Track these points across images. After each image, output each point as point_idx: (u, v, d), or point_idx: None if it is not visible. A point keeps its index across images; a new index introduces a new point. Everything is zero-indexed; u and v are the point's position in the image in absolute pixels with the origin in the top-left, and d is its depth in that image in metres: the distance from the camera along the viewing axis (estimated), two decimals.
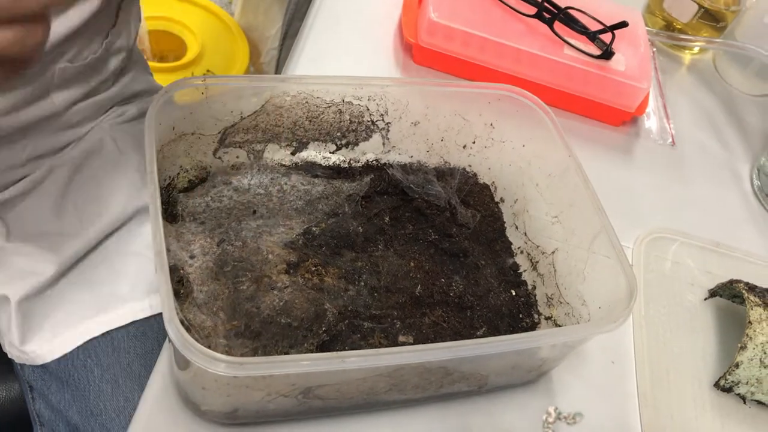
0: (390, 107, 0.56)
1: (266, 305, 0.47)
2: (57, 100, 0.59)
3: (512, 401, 0.52)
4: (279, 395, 0.43)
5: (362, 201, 0.57)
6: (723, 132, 0.82)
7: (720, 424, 0.56)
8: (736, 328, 0.61)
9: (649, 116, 0.79)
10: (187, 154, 0.53)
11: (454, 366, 0.45)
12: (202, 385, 0.42)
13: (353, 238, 0.54)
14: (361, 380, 0.44)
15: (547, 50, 0.71)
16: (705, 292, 0.64)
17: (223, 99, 0.50)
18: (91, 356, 0.62)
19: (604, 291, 0.49)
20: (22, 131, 0.59)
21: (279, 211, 0.53)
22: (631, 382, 0.56)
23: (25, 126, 0.58)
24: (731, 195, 0.75)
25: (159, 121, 0.47)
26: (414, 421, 0.49)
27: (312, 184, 0.56)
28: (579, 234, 0.53)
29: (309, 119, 0.54)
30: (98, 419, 0.60)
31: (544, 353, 0.49)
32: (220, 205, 0.53)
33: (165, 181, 0.52)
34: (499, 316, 0.54)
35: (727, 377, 0.57)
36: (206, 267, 0.48)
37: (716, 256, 0.68)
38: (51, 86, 0.58)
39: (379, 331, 0.50)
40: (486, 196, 0.62)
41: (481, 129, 0.59)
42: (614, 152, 0.75)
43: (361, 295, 0.51)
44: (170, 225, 0.50)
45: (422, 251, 0.56)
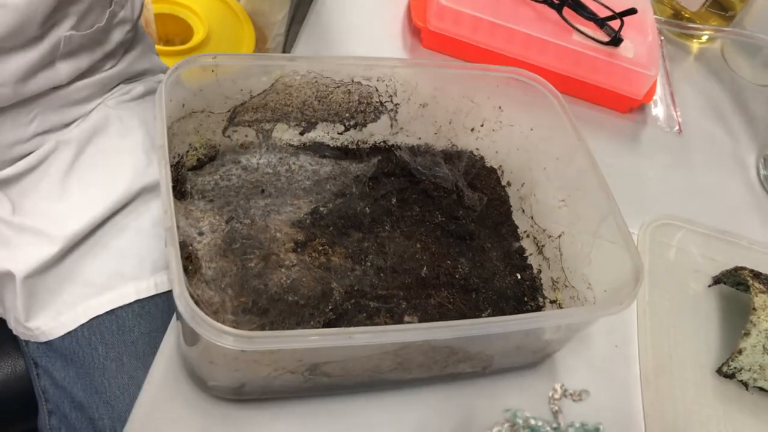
0: (399, 88, 0.56)
1: (274, 283, 0.47)
2: (62, 70, 0.60)
3: (516, 383, 0.53)
4: (286, 371, 0.43)
5: (369, 182, 0.57)
6: (730, 121, 0.82)
7: (722, 410, 0.56)
8: (740, 315, 0.61)
9: (657, 104, 0.79)
10: (197, 132, 0.53)
11: (460, 345, 0.45)
12: (210, 359, 0.42)
13: (360, 218, 0.54)
14: (367, 358, 0.44)
15: (555, 36, 0.71)
16: (709, 279, 0.64)
17: (233, 77, 0.50)
18: (95, 334, 0.62)
19: (609, 275, 0.50)
20: (28, 103, 0.59)
21: (287, 191, 0.54)
22: (634, 366, 0.57)
23: (31, 96, 0.58)
24: (737, 183, 0.75)
25: (170, 98, 0.47)
26: (418, 400, 0.50)
27: (320, 164, 0.56)
28: (585, 218, 0.53)
29: (318, 99, 0.54)
30: (102, 396, 0.61)
31: (549, 335, 0.49)
32: (228, 184, 0.53)
33: (174, 158, 0.52)
34: (504, 299, 0.55)
35: (730, 363, 0.57)
36: (215, 244, 0.48)
37: (721, 244, 0.68)
38: (56, 55, 0.58)
39: (384, 311, 0.50)
40: (493, 180, 0.62)
41: (490, 112, 0.59)
42: (621, 139, 0.75)
43: (368, 275, 0.51)
44: (179, 202, 0.50)
45: (429, 233, 0.56)
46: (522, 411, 0.34)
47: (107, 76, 0.66)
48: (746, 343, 0.56)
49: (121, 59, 0.68)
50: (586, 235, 0.53)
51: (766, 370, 0.56)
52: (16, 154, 0.62)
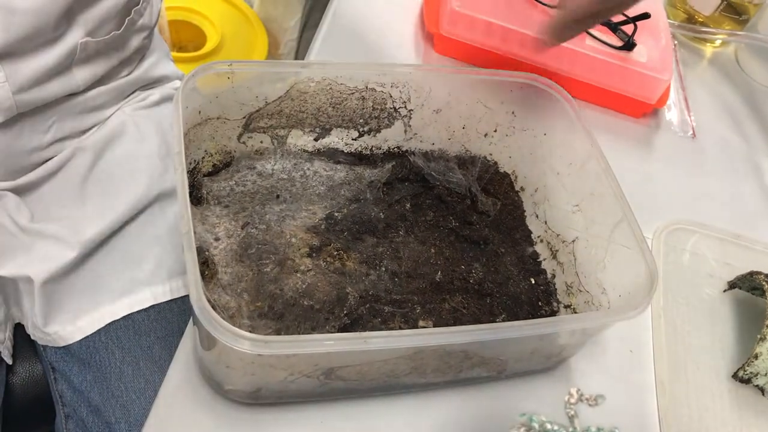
0: (413, 94, 0.56)
1: (289, 287, 0.48)
2: (79, 76, 0.60)
3: (531, 387, 0.53)
4: (302, 375, 0.43)
5: (384, 187, 0.57)
6: (744, 125, 0.81)
7: (738, 415, 0.56)
8: (755, 320, 0.61)
9: (670, 108, 0.79)
10: (212, 139, 0.53)
11: (474, 350, 0.45)
12: (226, 363, 0.43)
13: (375, 223, 0.54)
14: (382, 362, 0.44)
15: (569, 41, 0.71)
16: (724, 284, 0.64)
17: (249, 84, 0.51)
18: (112, 338, 0.63)
19: (624, 279, 0.50)
20: (46, 109, 0.60)
21: (302, 196, 0.54)
22: (649, 371, 0.57)
23: (49, 102, 0.59)
24: (751, 187, 0.75)
25: (186, 105, 0.48)
26: (433, 404, 0.50)
27: (334, 170, 0.56)
28: (600, 223, 0.53)
29: (332, 105, 0.54)
30: (119, 400, 0.61)
31: (564, 339, 0.49)
32: (244, 189, 0.53)
33: (190, 164, 0.53)
34: (519, 304, 0.55)
35: (746, 368, 0.57)
36: (230, 249, 0.49)
37: (736, 248, 0.68)
38: (72, 61, 0.59)
39: (399, 316, 0.50)
40: (506, 185, 0.62)
41: (503, 117, 0.60)
42: (635, 143, 0.75)
43: (382, 279, 0.52)
44: (195, 208, 0.51)
45: (443, 238, 0.56)
46: (538, 415, 0.34)
47: (124, 83, 0.67)
48: (762, 348, 0.56)
49: (137, 66, 0.68)
50: (600, 240, 0.53)
51: None
52: (35, 161, 0.63)
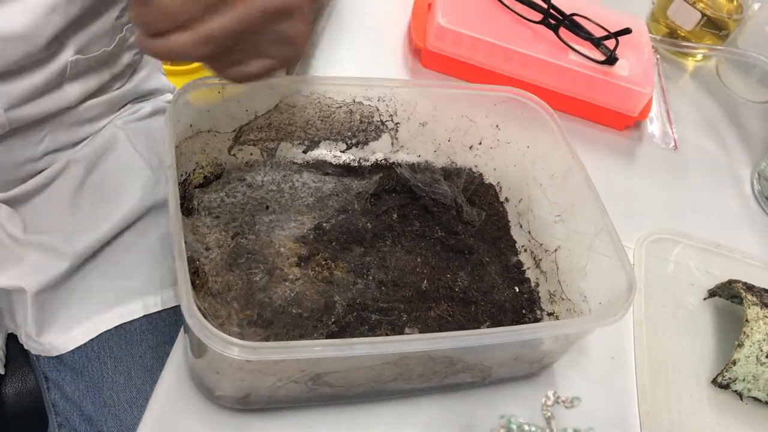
0: (399, 108, 0.58)
1: (278, 296, 0.49)
2: (71, 92, 0.61)
3: (515, 393, 0.54)
4: (290, 381, 0.44)
5: (371, 198, 0.58)
6: (725, 137, 0.83)
7: (716, 419, 0.58)
8: (735, 327, 0.62)
9: (652, 121, 0.81)
10: (203, 151, 0.54)
11: (458, 356, 0.47)
12: (216, 370, 0.44)
13: (362, 233, 0.56)
14: (368, 368, 0.45)
15: (552, 55, 0.73)
16: (704, 292, 0.66)
17: (239, 98, 0.52)
18: (104, 348, 0.64)
19: (604, 287, 0.51)
20: (38, 123, 0.61)
21: (291, 207, 0.55)
22: (630, 377, 0.58)
23: (41, 118, 0.60)
24: (732, 198, 0.77)
25: (178, 118, 0.49)
26: (419, 410, 0.51)
27: (323, 181, 0.57)
28: (581, 232, 0.55)
29: (321, 119, 0.56)
30: (111, 410, 0.62)
31: (546, 346, 0.50)
32: (234, 201, 0.54)
33: (181, 176, 0.54)
34: (503, 312, 0.56)
35: (725, 374, 0.58)
36: (221, 259, 0.50)
37: (716, 258, 0.69)
38: (64, 78, 0.60)
39: (386, 324, 0.52)
40: (491, 196, 0.64)
41: (487, 130, 0.61)
42: (618, 155, 0.76)
43: (370, 288, 0.53)
44: (186, 219, 0.52)
45: (429, 247, 0.58)
46: (516, 417, 0.35)
47: (116, 96, 0.68)
48: (740, 354, 0.57)
49: (129, 79, 0.70)
50: (582, 249, 0.54)
51: (759, 381, 0.57)
52: (28, 173, 0.64)
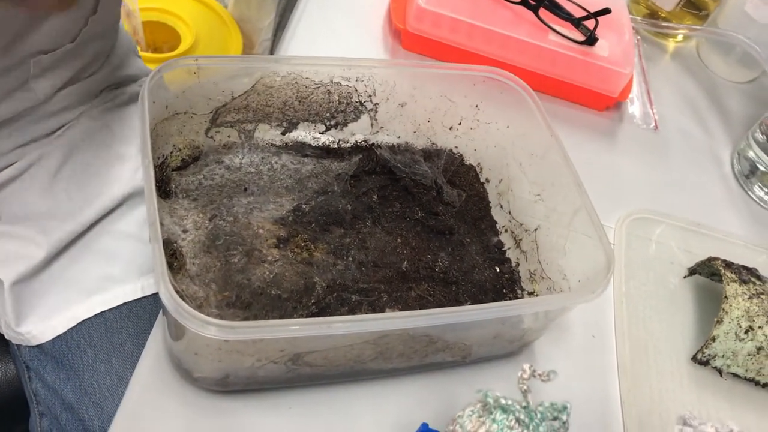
0: (377, 88, 0.57)
1: (257, 277, 0.49)
2: (38, 89, 0.60)
3: (496, 371, 0.54)
4: (269, 361, 0.44)
5: (351, 180, 0.58)
6: (705, 117, 0.84)
7: (696, 395, 0.58)
8: (714, 304, 0.63)
9: (633, 101, 0.81)
10: (180, 133, 0.54)
11: (438, 334, 0.47)
12: (194, 351, 0.43)
13: (342, 215, 0.56)
14: (347, 347, 0.45)
15: (532, 36, 0.73)
16: (685, 271, 0.66)
17: (215, 79, 0.52)
18: (84, 336, 0.63)
19: (583, 265, 0.51)
20: (6, 123, 0.60)
21: (269, 189, 0.55)
22: (611, 355, 0.58)
23: (8, 118, 0.59)
24: (712, 178, 0.77)
25: (153, 100, 0.49)
26: (400, 389, 0.51)
27: (302, 163, 0.57)
28: (560, 211, 0.55)
29: (299, 99, 0.56)
30: (92, 398, 0.62)
31: (526, 323, 0.50)
32: (212, 183, 0.54)
33: (158, 159, 0.54)
34: (484, 291, 0.56)
35: (704, 351, 0.58)
36: (198, 241, 0.50)
37: (696, 236, 0.70)
38: (29, 77, 0.58)
39: (366, 304, 0.52)
40: (472, 177, 0.64)
41: (467, 111, 0.61)
42: (598, 136, 0.77)
43: (349, 269, 0.53)
44: (164, 201, 0.52)
45: (409, 228, 0.58)
46: (493, 391, 0.35)
47: (89, 84, 0.66)
48: (719, 331, 0.58)
49: (101, 67, 0.68)
50: (561, 228, 0.54)
51: (738, 357, 0.58)
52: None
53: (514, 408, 0.34)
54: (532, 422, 0.34)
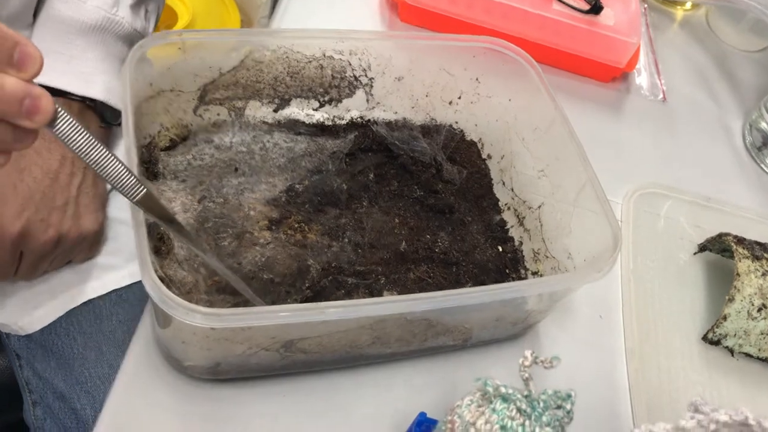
0: (373, 62, 0.55)
1: (248, 261, 0.47)
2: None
3: (499, 355, 0.52)
4: (260, 348, 0.42)
5: (346, 158, 0.56)
6: (715, 88, 0.81)
7: (707, 376, 0.56)
8: (725, 281, 0.60)
9: (640, 72, 0.78)
10: (167, 112, 0.52)
11: (437, 318, 0.45)
12: (182, 339, 0.42)
13: (337, 195, 0.53)
14: (343, 333, 0.43)
15: (535, 6, 0.70)
16: (694, 247, 0.64)
17: (201, 54, 0.50)
18: (73, 324, 0.62)
19: (589, 243, 0.49)
20: None
21: (261, 169, 0.53)
22: (618, 336, 0.56)
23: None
24: (723, 150, 0.75)
25: (136, 77, 0.47)
26: (398, 374, 0.49)
27: (295, 141, 0.55)
28: (565, 187, 0.53)
29: (290, 75, 0.53)
30: (83, 387, 0.60)
31: (530, 305, 0.48)
32: (201, 163, 0.52)
33: (145, 139, 0.51)
34: (486, 272, 0.54)
35: (715, 330, 0.56)
36: (187, 223, 0.48)
37: (707, 211, 0.67)
38: None
39: (363, 287, 0.50)
40: (473, 153, 0.61)
41: (467, 84, 0.59)
42: (604, 108, 0.74)
43: (345, 251, 0.51)
44: (150, 183, 0.49)
45: (407, 207, 0.56)
46: (492, 379, 0.33)
47: None
48: (731, 309, 0.56)
49: None
50: (566, 205, 0.52)
51: (751, 336, 0.56)
52: None
53: (515, 397, 0.32)
54: (534, 412, 0.32)
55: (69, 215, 0.56)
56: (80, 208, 0.57)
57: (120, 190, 0.37)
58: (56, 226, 0.55)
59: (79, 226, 0.57)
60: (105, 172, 0.36)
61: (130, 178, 0.37)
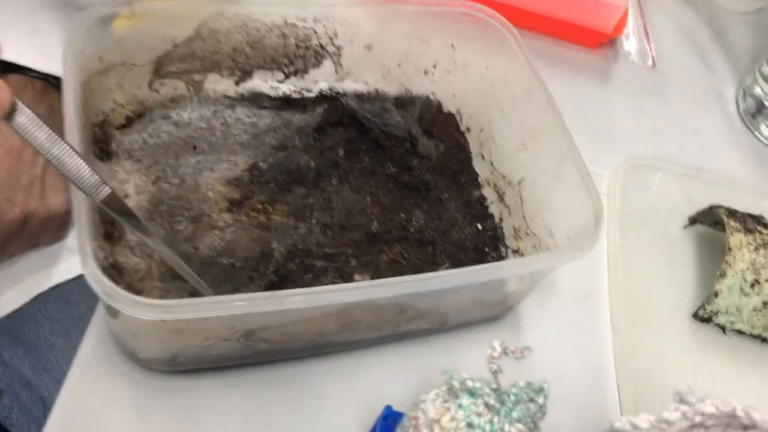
0: (339, 29, 0.51)
1: (206, 246, 0.44)
2: None
3: (478, 337, 0.49)
4: (219, 339, 0.40)
5: (314, 133, 0.53)
6: (707, 52, 0.77)
7: (698, 355, 0.54)
8: (717, 255, 0.58)
9: (628, 37, 0.75)
10: (120, 87, 0.48)
11: (409, 303, 0.42)
12: (131, 331, 0.39)
13: (304, 172, 0.50)
14: (307, 321, 0.41)
15: None
16: (685, 220, 0.61)
17: (153, 24, 0.46)
18: (40, 310, 0.59)
19: (571, 220, 0.46)
20: None
21: (222, 146, 0.50)
22: (604, 315, 0.54)
23: None
24: (715, 118, 0.72)
25: (82, 50, 0.43)
26: (371, 360, 0.46)
27: (259, 116, 0.52)
28: (545, 160, 0.50)
29: (250, 45, 0.50)
30: (51, 374, 0.58)
31: (508, 286, 0.46)
32: (158, 141, 0.49)
33: (98, 117, 0.48)
34: (464, 251, 0.51)
35: (706, 307, 0.54)
36: (140, 206, 0.45)
37: (698, 183, 0.64)
38: None
39: (332, 271, 0.47)
40: (451, 126, 0.58)
41: (442, 51, 0.55)
42: (591, 76, 0.71)
43: (313, 233, 0.48)
44: (102, 163, 0.46)
45: (380, 185, 0.53)
46: (459, 373, 0.30)
47: None
48: (722, 285, 0.53)
49: None
50: (547, 180, 0.49)
51: (743, 312, 0.53)
52: None
53: (483, 391, 0.30)
54: (504, 407, 0.29)
55: (35, 194, 0.53)
56: (47, 187, 0.54)
57: (82, 189, 0.35)
58: (22, 206, 0.52)
59: (47, 206, 0.54)
60: (66, 170, 0.34)
61: (93, 176, 0.35)
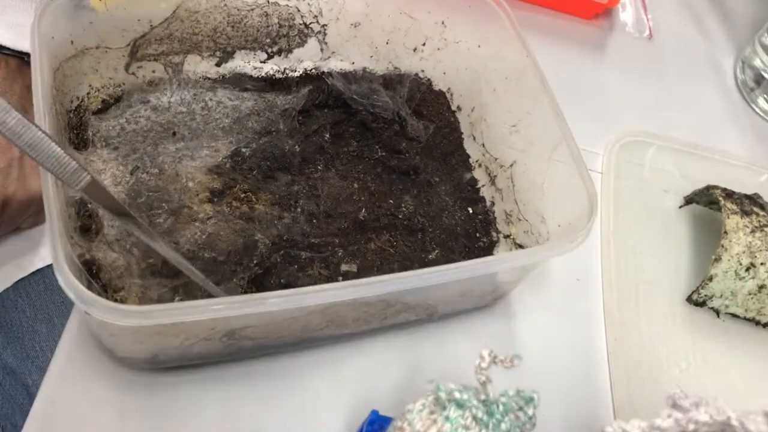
0: (324, 7, 0.49)
1: (186, 239, 0.42)
2: None
3: (468, 326, 0.48)
4: (199, 339, 0.38)
5: (299, 116, 0.51)
6: (705, 22, 0.75)
7: (691, 339, 0.53)
8: (713, 236, 0.56)
9: (625, 7, 0.72)
10: (95, 71, 0.46)
11: (395, 298, 0.41)
12: (109, 332, 0.38)
13: (289, 158, 0.49)
14: (291, 319, 0.39)
15: None
16: (680, 200, 0.60)
17: (126, 5, 0.44)
18: (22, 296, 0.58)
19: (564, 207, 0.45)
20: None
21: (203, 132, 0.48)
22: (597, 299, 0.53)
23: None
24: (713, 91, 0.70)
25: (51, 34, 0.41)
26: (359, 353, 0.45)
27: (241, 99, 0.50)
28: (538, 144, 0.48)
29: (231, 25, 0.48)
30: (35, 362, 0.57)
31: (497, 279, 0.45)
32: (136, 127, 0.47)
33: (72, 102, 0.46)
34: (454, 237, 0.50)
35: (701, 291, 0.53)
36: (118, 199, 0.43)
37: (694, 160, 0.63)
38: None
39: (318, 261, 0.46)
40: (442, 105, 0.56)
41: (432, 28, 0.53)
42: (586, 48, 0.68)
43: (298, 222, 0.46)
44: (78, 152, 0.45)
45: (367, 170, 0.51)
46: (446, 383, 0.29)
47: None
48: (717, 269, 0.52)
49: None
50: (540, 164, 0.48)
51: (738, 296, 0.52)
52: None
53: (471, 403, 0.29)
54: (492, 419, 0.28)
55: (14, 177, 0.52)
56: (26, 170, 0.53)
57: (59, 177, 0.33)
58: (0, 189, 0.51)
59: (26, 189, 0.52)
60: (40, 156, 0.32)
61: (71, 162, 0.33)
